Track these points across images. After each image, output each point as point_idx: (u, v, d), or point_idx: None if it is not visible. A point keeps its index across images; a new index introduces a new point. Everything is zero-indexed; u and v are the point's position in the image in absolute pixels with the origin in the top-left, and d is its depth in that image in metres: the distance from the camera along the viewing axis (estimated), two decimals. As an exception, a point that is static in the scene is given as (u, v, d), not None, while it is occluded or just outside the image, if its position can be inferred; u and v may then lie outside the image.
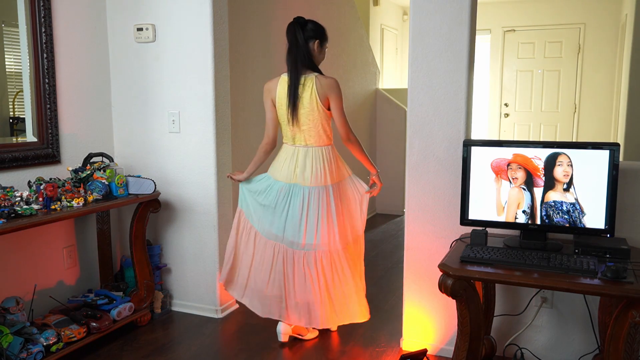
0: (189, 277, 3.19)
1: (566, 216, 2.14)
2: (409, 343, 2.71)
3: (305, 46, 2.60)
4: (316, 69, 2.64)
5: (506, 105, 7.61)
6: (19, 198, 2.41)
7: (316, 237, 2.64)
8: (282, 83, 2.65)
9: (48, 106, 2.79)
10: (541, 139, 7.20)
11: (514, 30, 7.46)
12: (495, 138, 7.64)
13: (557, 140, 7.11)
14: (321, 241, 2.65)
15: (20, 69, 2.72)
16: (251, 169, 2.80)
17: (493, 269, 1.99)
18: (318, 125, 2.61)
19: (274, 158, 2.79)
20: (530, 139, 7.21)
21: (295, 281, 2.67)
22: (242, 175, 2.82)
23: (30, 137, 2.78)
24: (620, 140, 5.20)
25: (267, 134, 2.76)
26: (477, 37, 3.15)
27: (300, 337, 2.82)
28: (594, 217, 2.10)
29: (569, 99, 7.24)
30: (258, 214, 2.75)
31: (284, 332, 2.77)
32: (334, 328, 2.92)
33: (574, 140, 7.16)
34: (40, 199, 2.46)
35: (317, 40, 2.64)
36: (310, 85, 2.57)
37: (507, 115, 7.61)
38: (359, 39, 5.51)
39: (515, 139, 7.52)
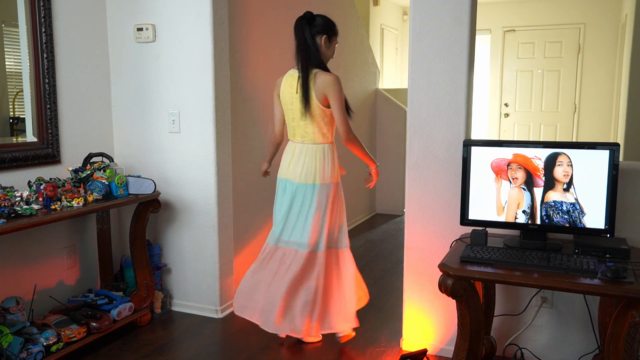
0: (189, 277, 3.19)
1: (566, 216, 2.14)
2: (409, 343, 2.71)
3: (312, 42, 2.60)
4: (322, 66, 2.62)
5: (506, 105, 7.61)
6: (19, 198, 2.41)
7: (307, 236, 2.65)
8: (287, 78, 2.67)
9: (48, 106, 2.79)
10: (541, 139, 7.21)
11: (514, 30, 7.46)
12: (495, 138, 7.65)
13: (557, 140, 7.11)
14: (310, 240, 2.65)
15: (20, 69, 2.72)
16: (267, 158, 2.96)
17: (493, 269, 1.99)
18: (314, 123, 2.62)
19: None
20: (530, 139, 7.21)
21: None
22: (265, 164, 2.97)
23: (30, 137, 2.78)
24: (620, 140, 5.20)
25: (272, 128, 2.86)
26: (477, 37, 3.16)
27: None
28: (594, 217, 2.10)
29: (569, 99, 7.24)
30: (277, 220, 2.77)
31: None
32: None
33: (574, 140, 7.16)
34: (40, 199, 2.46)
35: (324, 36, 2.64)
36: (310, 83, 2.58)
37: (507, 115, 7.61)
38: (359, 39, 5.50)
39: (515, 139, 7.52)
